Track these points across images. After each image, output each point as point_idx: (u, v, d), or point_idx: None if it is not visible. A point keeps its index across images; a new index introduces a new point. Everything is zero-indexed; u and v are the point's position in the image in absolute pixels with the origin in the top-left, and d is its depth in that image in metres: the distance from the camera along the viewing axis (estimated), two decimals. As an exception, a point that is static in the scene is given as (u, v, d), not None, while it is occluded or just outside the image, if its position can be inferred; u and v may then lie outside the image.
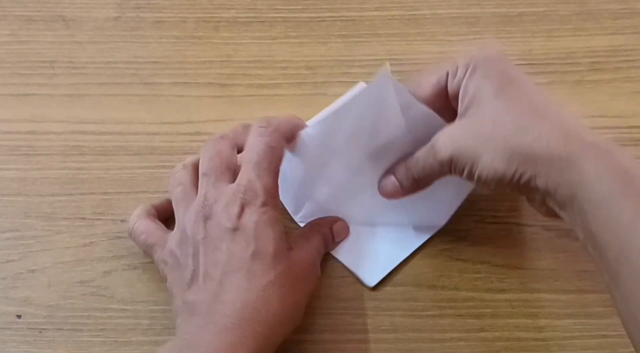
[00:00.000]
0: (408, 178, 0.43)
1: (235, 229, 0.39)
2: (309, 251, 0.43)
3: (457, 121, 0.41)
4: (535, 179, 0.37)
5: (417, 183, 0.43)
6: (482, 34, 0.53)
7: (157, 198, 0.48)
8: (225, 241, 0.39)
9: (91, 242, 0.47)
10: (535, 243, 0.46)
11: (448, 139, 0.40)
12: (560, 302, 0.44)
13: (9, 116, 0.51)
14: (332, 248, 0.46)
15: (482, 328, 0.44)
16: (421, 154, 0.41)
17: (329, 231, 0.45)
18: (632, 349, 0.35)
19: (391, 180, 0.44)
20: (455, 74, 0.40)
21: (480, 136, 0.38)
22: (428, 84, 0.42)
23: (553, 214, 0.39)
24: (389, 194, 0.44)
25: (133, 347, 0.44)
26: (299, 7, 0.55)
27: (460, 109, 0.41)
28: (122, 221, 0.47)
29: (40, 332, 0.44)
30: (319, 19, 0.54)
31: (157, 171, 0.49)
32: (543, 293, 0.45)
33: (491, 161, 0.38)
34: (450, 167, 0.40)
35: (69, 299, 0.45)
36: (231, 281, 0.38)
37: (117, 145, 0.50)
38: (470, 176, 0.39)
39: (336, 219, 0.46)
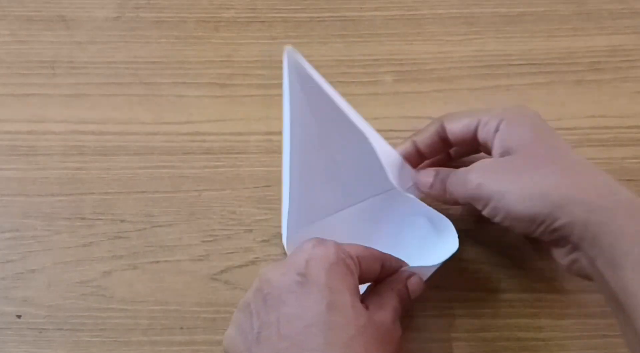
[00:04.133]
0: (441, 186, 0.42)
1: (303, 277, 0.35)
2: (387, 310, 0.38)
3: (493, 159, 0.40)
4: (569, 227, 0.36)
5: (444, 197, 0.42)
6: (482, 34, 0.53)
7: (158, 198, 0.48)
8: (293, 293, 0.34)
9: (91, 242, 0.47)
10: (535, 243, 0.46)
11: (480, 169, 0.39)
12: (560, 302, 0.44)
13: (9, 116, 0.51)
14: (409, 308, 0.41)
15: (482, 328, 0.44)
16: (455, 177, 0.41)
17: (404, 287, 0.40)
18: (632, 349, 0.35)
19: (428, 178, 0.43)
20: (486, 124, 0.40)
21: (516, 173, 0.38)
22: (458, 125, 0.42)
23: (577, 271, 0.38)
24: (421, 184, 0.43)
25: (133, 347, 0.44)
26: (299, 7, 0.55)
27: (494, 154, 0.40)
28: (122, 221, 0.47)
29: (40, 332, 0.44)
30: (319, 19, 0.54)
31: (157, 171, 0.49)
32: (543, 293, 0.45)
33: (523, 199, 0.37)
34: (476, 196, 0.39)
35: (68, 299, 0.45)
36: (308, 339, 0.33)
37: (117, 145, 0.50)
38: (495, 210, 0.38)
39: (410, 274, 0.41)
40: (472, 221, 0.47)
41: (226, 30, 0.54)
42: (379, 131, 0.44)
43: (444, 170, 0.43)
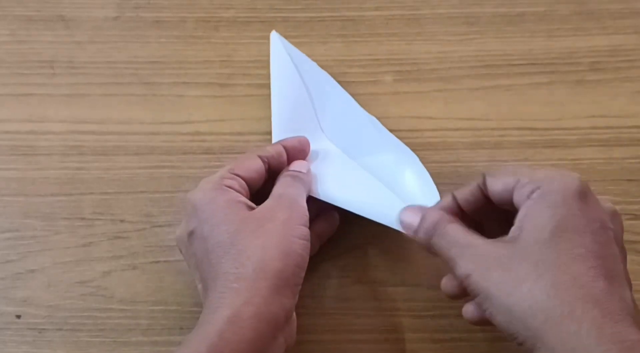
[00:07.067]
0: (426, 238, 0.39)
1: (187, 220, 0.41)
2: (271, 195, 0.41)
3: (499, 242, 0.36)
4: None
5: (428, 248, 0.39)
6: (483, 34, 0.53)
7: (157, 198, 0.48)
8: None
9: (90, 242, 0.47)
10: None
11: (472, 257, 0.36)
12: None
13: (8, 116, 0.51)
14: (308, 182, 0.43)
15: (482, 328, 0.44)
16: (445, 241, 0.37)
17: (287, 171, 0.43)
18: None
19: (413, 220, 0.40)
20: (523, 186, 0.36)
21: (508, 273, 0.34)
22: (499, 183, 0.37)
23: None
24: (404, 225, 0.40)
25: (132, 347, 0.44)
26: (299, 7, 0.55)
27: (513, 227, 0.36)
28: (122, 221, 0.47)
29: (40, 332, 0.44)
30: (319, 19, 0.54)
31: (156, 171, 0.49)
32: (543, 293, 0.45)
33: (504, 310, 0.33)
34: (464, 285, 0.36)
35: (68, 299, 0.45)
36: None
37: (117, 145, 0.50)
38: (480, 306, 0.35)
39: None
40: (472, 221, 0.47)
41: (226, 30, 0.54)
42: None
43: (432, 215, 0.39)
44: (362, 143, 0.47)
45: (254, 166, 0.42)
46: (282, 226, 0.38)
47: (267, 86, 0.52)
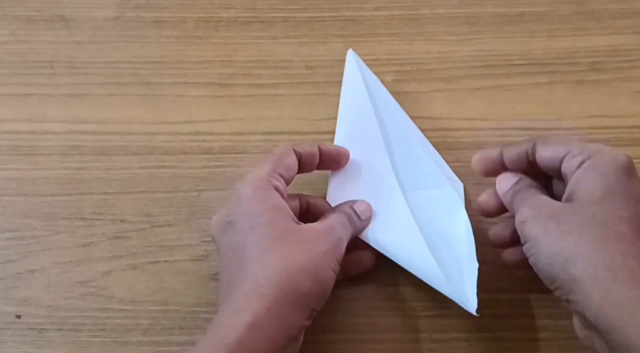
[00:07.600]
0: (516, 193, 0.42)
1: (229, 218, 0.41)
2: (322, 222, 0.42)
3: (552, 202, 0.39)
4: (582, 305, 0.35)
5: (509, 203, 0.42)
6: (483, 34, 0.53)
7: (157, 198, 0.48)
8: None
9: (90, 242, 0.47)
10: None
11: (533, 206, 0.39)
12: (561, 302, 0.44)
13: (8, 116, 0.51)
14: (361, 228, 0.44)
15: (482, 328, 0.44)
16: (524, 198, 0.41)
17: (350, 208, 0.43)
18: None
19: (508, 182, 0.42)
20: (574, 156, 0.39)
21: (558, 224, 0.37)
22: (549, 150, 0.40)
23: (593, 348, 0.37)
24: (501, 186, 0.43)
25: (132, 347, 0.44)
26: (299, 7, 0.55)
27: (565, 193, 0.39)
28: (122, 221, 0.47)
29: (40, 332, 0.44)
30: (319, 19, 0.54)
31: (156, 171, 0.49)
32: (543, 293, 0.45)
33: (547, 256, 0.37)
34: (518, 231, 0.39)
35: (68, 299, 0.45)
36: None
37: (117, 145, 0.50)
38: (527, 251, 0.38)
39: (355, 200, 0.44)
40: (472, 221, 0.47)
41: (226, 30, 0.54)
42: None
43: (526, 180, 0.42)
44: (420, 174, 0.46)
45: (293, 165, 0.43)
46: (323, 255, 0.40)
47: (267, 86, 0.52)
